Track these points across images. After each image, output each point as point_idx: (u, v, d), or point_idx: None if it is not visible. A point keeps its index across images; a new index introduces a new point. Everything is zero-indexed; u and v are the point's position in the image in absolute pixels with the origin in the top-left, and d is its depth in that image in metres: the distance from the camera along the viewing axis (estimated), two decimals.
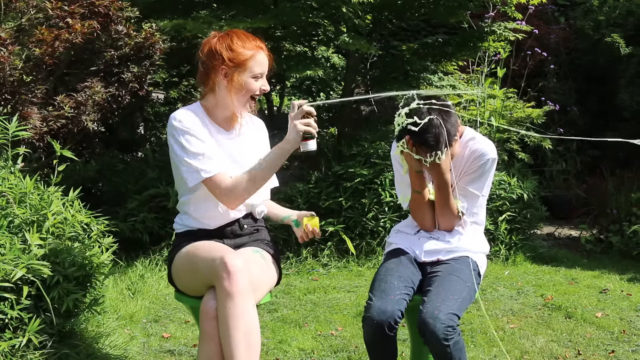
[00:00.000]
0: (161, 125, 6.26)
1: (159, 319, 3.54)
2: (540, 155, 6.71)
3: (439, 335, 2.05)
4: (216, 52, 2.23)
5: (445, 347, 2.06)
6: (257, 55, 2.24)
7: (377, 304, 2.16)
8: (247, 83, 2.23)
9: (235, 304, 2.01)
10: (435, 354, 2.12)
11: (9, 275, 2.31)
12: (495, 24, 5.14)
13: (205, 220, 2.29)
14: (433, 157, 2.22)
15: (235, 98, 2.24)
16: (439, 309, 2.10)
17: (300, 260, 4.68)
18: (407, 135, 2.22)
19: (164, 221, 4.63)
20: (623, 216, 5.30)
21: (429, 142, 2.20)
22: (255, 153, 2.34)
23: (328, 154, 5.21)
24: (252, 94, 2.26)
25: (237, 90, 2.23)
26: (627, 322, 3.54)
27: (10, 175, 2.77)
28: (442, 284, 2.22)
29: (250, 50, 2.22)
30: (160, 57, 4.38)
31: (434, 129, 2.18)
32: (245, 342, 2.02)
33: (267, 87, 2.28)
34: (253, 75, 2.23)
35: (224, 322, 2.02)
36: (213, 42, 2.26)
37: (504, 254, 4.96)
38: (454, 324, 2.08)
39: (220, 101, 2.27)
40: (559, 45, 7.04)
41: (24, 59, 3.81)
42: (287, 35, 5.28)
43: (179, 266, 2.27)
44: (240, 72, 2.22)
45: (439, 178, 2.32)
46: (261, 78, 2.26)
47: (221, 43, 2.23)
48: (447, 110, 2.21)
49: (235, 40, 2.23)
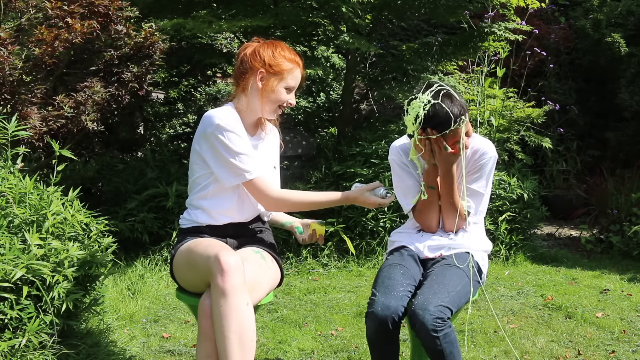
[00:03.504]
0: (161, 125, 6.26)
1: (159, 319, 3.54)
2: (541, 155, 6.71)
3: (428, 326, 2.04)
4: (259, 55, 2.31)
5: (434, 338, 2.04)
6: (295, 69, 2.34)
7: (381, 299, 2.15)
8: (279, 92, 2.31)
9: (228, 301, 2.01)
10: (425, 347, 2.10)
11: (9, 275, 2.31)
12: (495, 24, 5.13)
13: (219, 215, 2.32)
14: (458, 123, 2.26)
15: (265, 103, 2.31)
16: (429, 301, 2.09)
17: (300, 260, 4.68)
18: (427, 125, 2.27)
19: (164, 221, 4.62)
20: (623, 216, 5.30)
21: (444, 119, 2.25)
22: (271, 159, 2.44)
23: (328, 154, 5.21)
24: (280, 103, 2.33)
25: (268, 96, 2.30)
26: (627, 322, 3.54)
27: (9, 175, 2.77)
28: (436, 277, 2.23)
29: (290, 63, 2.32)
30: (160, 57, 4.38)
31: (443, 108, 2.25)
32: (239, 340, 2.02)
33: (294, 101, 2.36)
34: (287, 86, 2.32)
35: (217, 320, 2.03)
36: (257, 45, 2.35)
37: (504, 254, 4.96)
38: (444, 316, 2.07)
39: (250, 104, 2.33)
40: (559, 45, 7.03)
41: (23, 58, 3.81)
42: (287, 35, 5.28)
43: (179, 262, 2.29)
44: (276, 80, 2.30)
45: (446, 167, 2.35)
46: (291, 92, 2.35)
47: (265, 49, 2.32)
48: (448, 94, 2.28)
49: (279, 50, 2.33)
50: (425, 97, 2.27)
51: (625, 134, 6.72)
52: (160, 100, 6.32)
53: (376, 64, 5.81)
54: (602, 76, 7.07)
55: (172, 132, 6.56)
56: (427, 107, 2.26)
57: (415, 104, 2.28)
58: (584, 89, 7.19)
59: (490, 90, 5.55)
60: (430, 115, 2.26)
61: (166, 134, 6.33)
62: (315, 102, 6.47)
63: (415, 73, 5.46)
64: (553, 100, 6.11)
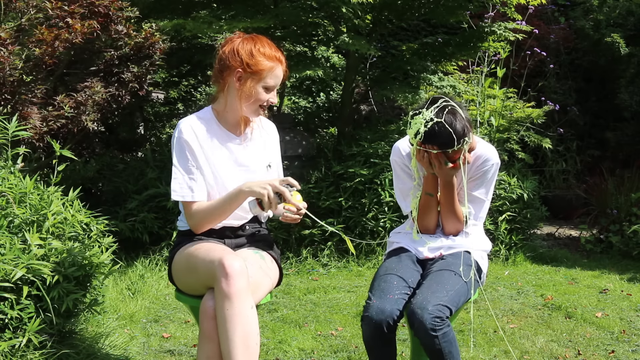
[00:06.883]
0: (161, 125, 6.26)
1: (159, 319, 3.54)
2: (540, 155, 6.71)
3: (427, 325, 2.04)
4: (237, 53, 2.21)
5: (433, 337, 2.04)
6: (275, 68, 2.24)
7: (376, 303, 2.16)
8: (257, 92, 2.22)
9: (234, 305, 2.01)
10: (424, 346, 2.10)
11: (9, 275, 2.31)
12: (495, 24, 5.13)
13: None
14: (461, 144, 2.24)
15: (243, 104, 2.24)
16: (427, 300, 2.09)
17: (300, 260, 4.68)
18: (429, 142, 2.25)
19: (164, 221, 4.63)
20: (623, 216, 5.30)
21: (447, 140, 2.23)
22: (263, 158, 2.36)
23: (328, 154, 5.21)
24: (260, 103, 2.25)
25: (246, 97, 2.23)
26: (627, 322, 3.54)
27: (10, 175, 2.77)
28: (435, 277, 2.23)
29: (270, 62, 2.22)
30: (160, 57, 4.38)
31: (445, 129, 2.22)
32: (244, 343, 2.02)
33: (275, 100, 2.28)
34: (265, 86, 2.23)
35: (222, 324, 2.02)
36: (236, 42, 2.24)
37: (504, 254, 4.97)
38: (442, 315, 2.07)
39: (229, 104, 2.27)
40: (559, 45, 7.04)
41: (24, 58, 3.81)
42: (287, 35, 5.28)
43: (178, 266, 2.28)
44: (254, 80, 2.21)
45: (446, 179, 2.35)
46: (272, 91, 2.26)
47: (244, 46, 2.22)
48: (453, 111, 2.25)
49: (258, 47, 2.22)
50: (428, 114, 2.23)
51: (624, 134, 6.73)
52: (161, 100, 6.32)
53: (376, 64, 5.81)
54: (601, 76, 7.07)
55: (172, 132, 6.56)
56: (428, 124, 2.22)
57: (418, 119, 2.25)
58: (584, 89, 7.19)
59: (490, 91, 5.56)
60: (432, 134, 2.23)
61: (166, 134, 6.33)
62: (315, 102, 6.47)
63: (415, 73, 5.46)
64: (553, 101, 6.11)
